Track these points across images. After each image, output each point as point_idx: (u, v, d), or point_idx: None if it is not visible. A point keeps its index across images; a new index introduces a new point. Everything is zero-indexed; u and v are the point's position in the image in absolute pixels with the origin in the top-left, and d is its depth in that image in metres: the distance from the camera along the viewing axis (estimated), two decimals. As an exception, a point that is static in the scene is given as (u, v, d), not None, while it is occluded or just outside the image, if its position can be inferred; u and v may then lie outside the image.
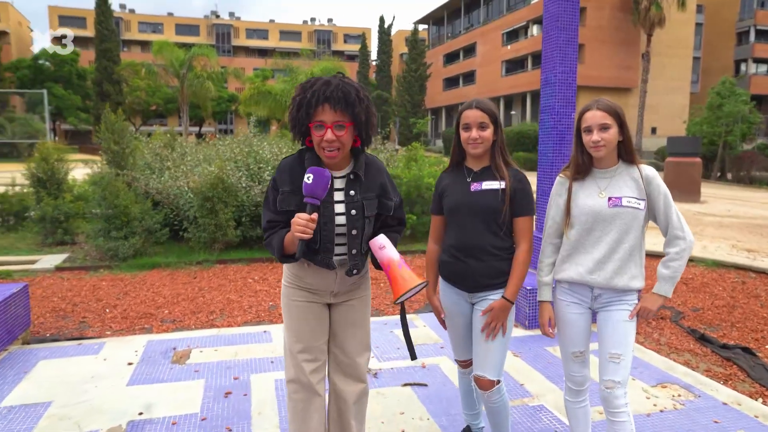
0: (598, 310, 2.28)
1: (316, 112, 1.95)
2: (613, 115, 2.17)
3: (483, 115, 2.25)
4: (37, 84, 39.35)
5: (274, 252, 2.03)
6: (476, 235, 2.27)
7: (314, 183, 1.91)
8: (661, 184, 2.18)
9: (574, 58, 4.53)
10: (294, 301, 2.17)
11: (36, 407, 2.98)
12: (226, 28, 60.28)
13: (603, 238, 2.21)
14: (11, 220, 9.45)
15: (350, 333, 2.26)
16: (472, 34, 43.91)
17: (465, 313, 2.39)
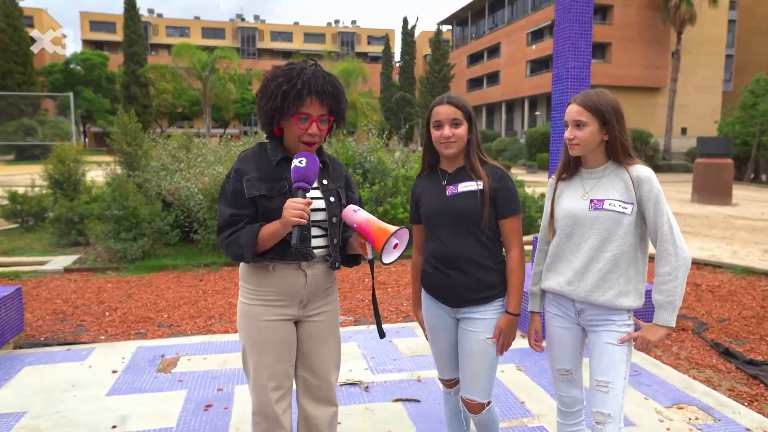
0: (587, 329, 2.03)
1: (304, 103, 1.84)
2: (592, 111, 1.92)
3: (456, 111, 2.03)
4: (68, 88, 40.31)
5: (243, 250, 1.80)
6: (457, 243, 2.05)
7: (307, 166, 1.78)
8: (654, 186, 1.90)
9: (588, 51, 4.26)
10: (257, 321, 1.93)
11: (8, 417, 2.86)
12: (251, 31, 60.91)
13: (582, 246, 1.96)
14: (30, 220, 9.53)
15: (321, 352, 2.06)
16: (496, 34, 43.39)
17: (449, 329, 2.16)
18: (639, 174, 1.91)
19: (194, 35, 57.70)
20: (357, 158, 9.01)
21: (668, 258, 1.87)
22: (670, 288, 1.86)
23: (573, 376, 2.07)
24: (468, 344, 2.08)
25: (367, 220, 1.88)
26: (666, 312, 1.89)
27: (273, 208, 1.84)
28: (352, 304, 5.37)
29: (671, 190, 18.92)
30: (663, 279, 1.87)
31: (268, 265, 1.90)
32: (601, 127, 1.93)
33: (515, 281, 2.07)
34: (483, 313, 2.06)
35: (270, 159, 1.91)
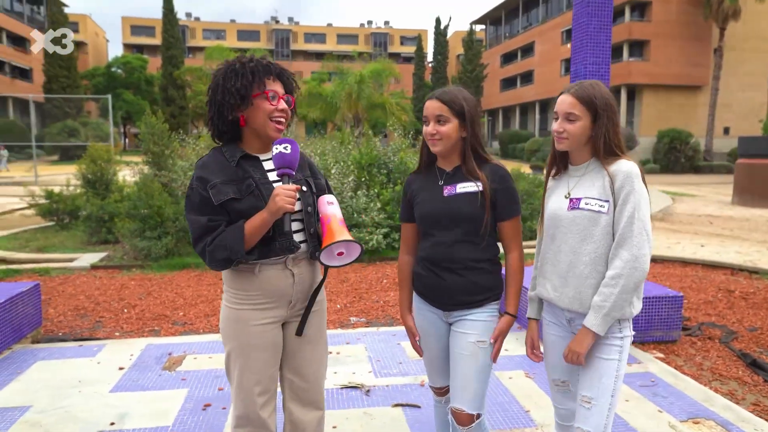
0: None
1: (267, 81, 1.83)
2: (586, 104, 1.79)
3: (441, 106, 1.94)
4: (110, 90, 41.59)
5: (231, 250, 1.74)
6: (453, 246, 1.96)
7: (292, 153, 1.76)
8: (628, 182, 1.74)
9: (608, 47, 4.09)
10: (247, 326, 1.87)
11: (14, 411, 2.92)
12: (285, 33, 61.67)
13: (562, 248, 1.86)
14: (65, 218, 9.82)
15: (308, 352, 2.01)
16: (530, 33, 42.69)
17: (441, 334, 2.08)
18: (617, 168, 1.78)
19: (230, 38, 58.81)
20: (381, 158, 8.98)
21: (618, 262, 1.74)
22: (608, 292, 1.74)
23: (569, 387, 1.96)
24: (457, 347, 1.99)
25: (329, 216, 1.84)
26: (595, 316, 1.75)
27: (243, 209, 1.80)
28: (367, 305, 5.32)
29: (711, 191, 18.21)
30: (606, 281, 1.76)
31: (253, 267, 1.85)
32: (592, 123, 1.81)
33: (515, 282, 2.00)
34: (476, 315, 1.98)
35: (229, 161, 1.86)
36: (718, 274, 6.67)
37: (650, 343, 4.08)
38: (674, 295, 4.07)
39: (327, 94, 21.79)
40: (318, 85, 28.35)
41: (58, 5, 37.64)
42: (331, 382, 3.31)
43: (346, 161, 8.86)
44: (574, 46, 4.24)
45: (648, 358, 3.75)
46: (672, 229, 10.39)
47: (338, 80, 23.98)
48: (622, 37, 32.10)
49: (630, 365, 3.60)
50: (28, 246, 8.38)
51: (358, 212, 7.69)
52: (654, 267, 7.02)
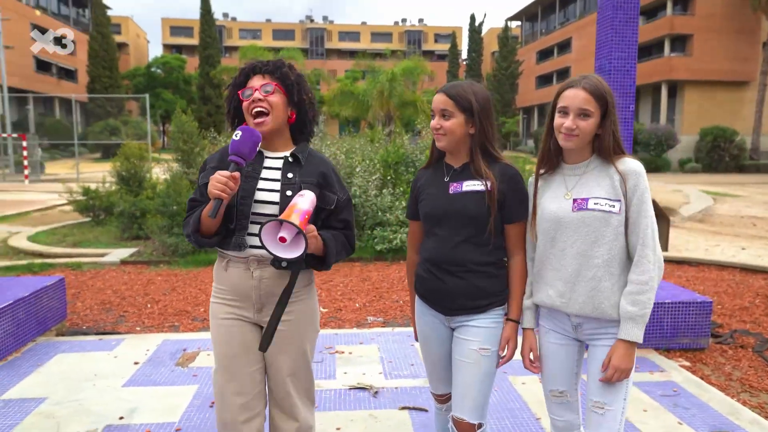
0: (587, 342, 1.82)
1: (248, 82, 1.91)
2: (599, 100, 1.70)
3: (446, 100, 1.87)
4: (150, 90, 42.75)
5: (188, 229, 1.84)
6: (455, 247, 1.89)
7: (242, 139, 1.75)
8: (642, 182, 1.69)
9: (634, 41, 3.92)
10: (218, 319, 1.92)
11: (30, 403, 3.00)
12: (319, 31, 62.13)
13: (567, 251, 1.76)
14: (101, 214, 10.11)
15: (278, 362, 1.92)
16: (567, 29, 41.78)
17: (442, 339, 2.01)
18: (627, 167, 1.71)
19: (265, 37, 59.61)
20: (409, 156, 8.93)
21: (647, 265, 1.67)
22: (645, 299, 1.67)
23: (568, 398, 1.86)
24: (459, 354, 1.92)
25: (292, 204, 1.71)
26: (638, 326, 1.68)
27: None
28: (386, 305, 5.27)
29: (756, 191, 17.42)
30: (639, 288, 1.67)
31: (223, 261, 1.90)
32: (601, 119, 1.72)
33: (518, 287, 1.92)
34: (479, 321, 1.90)
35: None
36: (758, 278, 6.35)
37: (676, 350, 3.90)
38: (702, 301, 3.88)
39: (359, 92, 21.82)
40: (351, 83, 28.49)
41: (102, 8, 38.87)
42: (340, 382, 3.28)
43: (373, 159, 8.84)
44: (598, 41, 4.09)
45: (672, 366, 3.59)
46: (711, 230, 9.97)
47: (370, 78, 23.99)
48: (663, 31, 31.08)
49: (652, 373, 3.46)
50: (64, 241, 8.67)
51: (383, 211, 7.66)
52: (688, 270, 6.75)
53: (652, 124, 29.00)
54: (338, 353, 3.75)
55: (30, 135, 23.41)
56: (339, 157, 8.48)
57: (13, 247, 8.22)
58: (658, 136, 26.38)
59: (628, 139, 4.01)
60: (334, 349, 3.83)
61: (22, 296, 3.80)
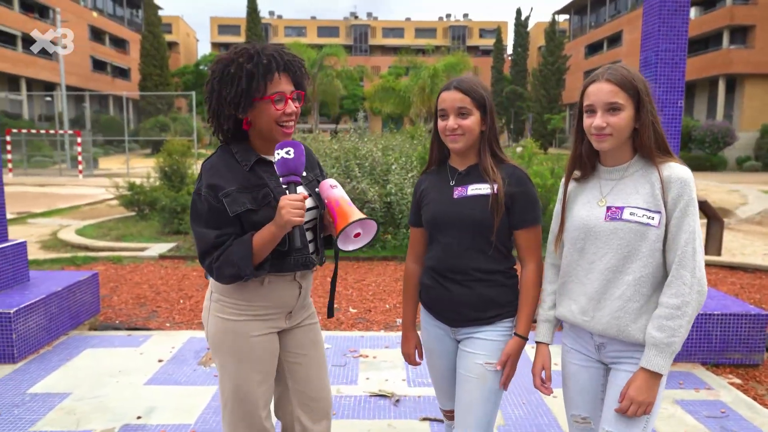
0: (609, 365, 1.64)
1: (274, 80, 1.62)
2: (628, 90, 1.51)
3: (463, 98, 1.73)
4: (198, 87, 43.91)
5: (239, 267, 1.58)
6: (461, 254, 1.76)
7: (296, 157, 1.58)
8: (686, 191, 1.48)
9: (684, 32, 3.64)
10: (248, 339, 1.72)
11: (54, 398, 3.03)
12: (363, 28, 62.29)
13: (596, 265, 1.58)
14: (145, 209, 10.39)
15: (315, 358, 1.89)
16: (618, 21, 40.32)
17: (448, 352, 1.88)
18: (671, 173, 1.50)
19: (310, 34, 60.25)
20: (446, 154, 8.75)
21: (681, 288, 1.46)
22: (674, 325, 1.45)
23: (591, 425, 1.69)
24: (464, 368, 1.79)
25: (337, 199, 1.68)
26: (662, 355, 1.46)
27: (259, 221, 1.63)
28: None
29: (822, 193, 16.28)
30: (669, 312, 1.46)
31: (261, 279, 1.71)
32: (635, 113, 1.53)
33: (529, 299, 1.76)
34: (485, 334, 1.77)
35: (241, 164, 1.67)
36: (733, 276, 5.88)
37: (725, 365, 3.61)
38: (757, 313, 3.58)
39: (400, 89, 21.70)
40: (394, 79, 28.38)
41: (154, 8, 40.12)
42: (361, 388, 3.18)
43: (411, 156, 8.70)
44: (644, 32, 3.83)
45: (721, 383, 3.31)
46: (770, 234, 9.35)
47: (413, 74, 23.83)
48: (722, 22, 29.52)
49: (698, 390, 3.20)
50: (109, 234, 8.92)
51: (418, 209, 7.51)
52: (743, 277, 6.32)
53: (707, 121, 27.60)
54: (362, 357, 3.65)
55: (84, 132, 24.41)
56: (375, 154, 8.38)
57: (61, 239, 8.53)
58: (713, 133, 25.09)
59: (676, 137, 3.74)
60: (359, 352, 3.73)
61: (55, 290, 3.87)
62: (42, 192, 15.87)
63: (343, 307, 5.12)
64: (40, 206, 12.57)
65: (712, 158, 24.97)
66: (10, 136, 22.16)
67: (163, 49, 40.52)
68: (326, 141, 9.80)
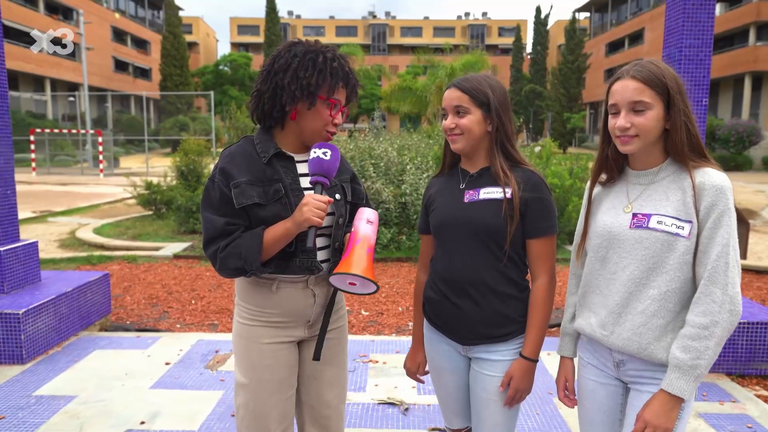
0: (629, 384, 1.52)
1: (337, 89, 1.64)
2: (656, 87, 1.38)
3: (460, 96, 1.64)
4: (217, 87, 44.31)
5: (246, 260, 1.53)
6: (471, 264, 1.65)
7: (332, 160, 1.56)
8: (722, 200, 1.34)
9: (710, 27, 3.48)
10: (261, 344, 1.67)
11: (60, 400, 3.00)
12: (381, 27, 62.22)
13: (618, 276, 1.46)
14: (162, 208, 10.45)
15: (330, 376, 1.81)
16: (639, 19, 39.63)
17: (458, 370, 1.76)
18: (705, 180, 1.36)
19: (329, 34, 60.39)
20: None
21: (710, 306, 1.32)
22: (700, 347, 1.32)
23: None
24: (482, 391, 1.68)
25: (360, 237, 1.58)
26: (685, 378, 1.33)
27: (266, 217, 1.58)
28: (429, 310, 5.04)
29: None
30: (695, 332, 1.33)
31: (270, 283, 1.65)
32: (665, 112, 1.40)
33: (537, 317, 1.63)
34: (502, 354, 1.66)
35: (260, 156, 1.63)
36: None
37: (752, 377, 3.44)
38: None
39: (417, 88, 21.57)
40: (412, 78, 28.24)
41: (174, 9, 40.57)
42: (370, 395, 3.09)
43: (426, 156, 8.61)
44: (668, 27, 3.67)
45: (747, 396, 3.15)
46: (798, 237, 9.03)
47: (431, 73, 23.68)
48: (748, 18, 28.79)
49: (722, 403, 3.05)
50: (126, 233, 8.98)
51: (433, 210, 7.41)
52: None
53: (732, 119, 26.94)
54: (372, 362, 3.57)
55: (106, 131, 24.76)
56: (390, 153, 8.30)
57: (79, 238, 8.61)
58: (738, 132, 24.47)
59: (700, 137, 3.58)
60: (369, 357, 3.65)
61: (65, 291, 3.86)
62: (63, 191, 16.10)
63: (355, 309, 5.04)
64: (60, 205, 12.74)
65: (736, 158, 24.35)
66: (34, 135, 22.56)
67: (184, 50, 40.93)
68: (341, 141, 9.75)
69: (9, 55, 29.35)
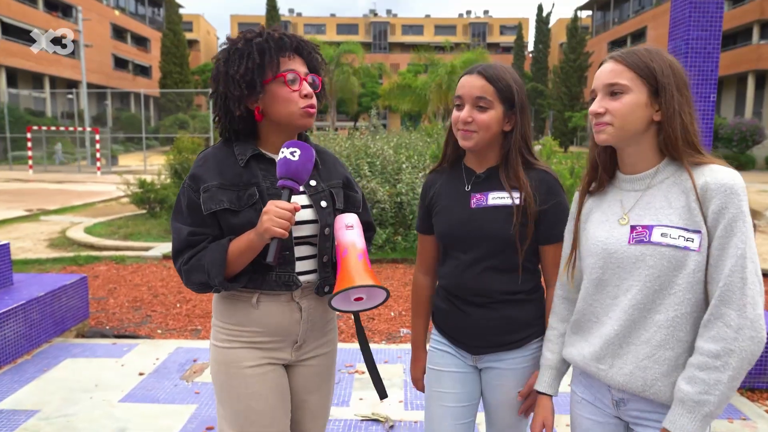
0: (632, 425, 1.30)
1: (283, 60, 1.43)
2: (637, 69, 1.18)
3: (485, 85, 1.42)
4: (217, 85, 44.08)
5: (209, 274, 1.36)
6: (480, 274, 1.48)
7: (301, 160, 1.35)
8: (733, 202, 1.11)
9: (719, 17, 3.28)
10: (243, 368, 1.46)
11: (20, 415, 2.80)
12: (382, 25, 61.96)
13: (619, 300, 1.23)
14: (156, 207, 10.27)
15: (314, 406, 1.62)
16: (642, 17, 39.38)
17: (464, 378, 1.57)
18: (710, 179, 1.13)
19: (330, 32, 60.14)
20: (460, 152, 8.45)
21: (723, 330, 1.09)
22: (709, 379, 1.09)
23: None
24: (497, 400, 1.56)
25: (346, 247, 1.39)
26: (691, 416, 1.10)
27: (239, 225, 1.40)
28: (423, 315, 4.84)
29: None
30: (705, 361, 1.10)
31: (250, 297, 1.46)
32: (650, 98, 1.18)
33: None
34: (515, 362, 1.51)
35: (237, 158, 1.45)
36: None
37: (762, 390, 3.24)
38: None
39: (418, 86, 21.38)
40: (413, 76, 28.06)
41: (174, 6, 40.34)
42: (353, 410, 2.90)
43: (423, 154, 8.41)
44: (673, 19, 3.47)
45: (758, 412, 2.95)
46: (805, 239, 8.82)
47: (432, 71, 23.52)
48: (752, 16, 28.53)
49: (731, 421, 2.85)
50: (117, 233, 8.79)
51: (430, 210, 7.22)
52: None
53: (735, 118, 26.69)
54: (358, 373, 3.37)
55: (104, 129, 24.59)
56: (386, 152, 8.10)
57: (69, 237, 8.42)
58: (742, 131, 24.23)
59: (708, 135, 3.37)
60: (355, 367, 3.45)
61: (36, 296, 3.67)
62: (59, 189, 15.93)
63: (346, 315, 4.84)
64: (55, 203, 12.57)
65: (739, 157, 24.10)
66: (31, 133, 22.39)
67: (184, 47, 40.71)
68: (337, 138, 9.55)
69: (8, 52, 29.23)
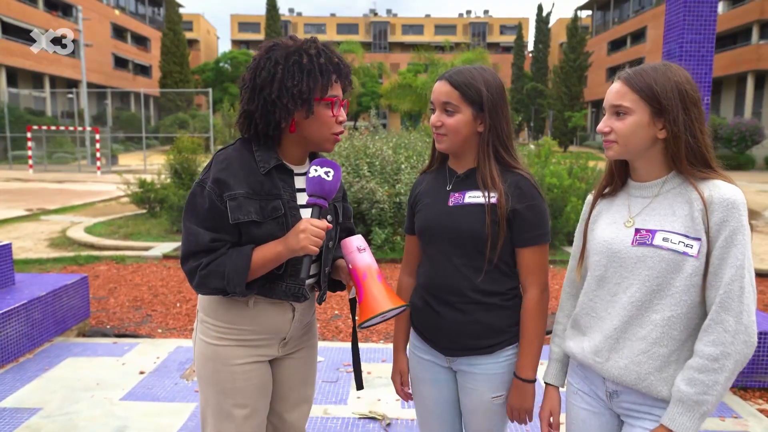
0: (622, 417, 1.37)
1: (332, 84, 1.46)
2: (640, 91, 1.25)
3: (450, 91, 1.48)
4: (218, 84, 44.15)
5: (229, 282, 1.37)
6: (453, 272, 1.53)
7: (334, 180, 1.40)
8: (734, 216, 1.20)
9: (712, 21, 3.32)
10: (229, 366, 1.51)
11: (23, 413, 2.85)
12: (383, 25, 61.99)
13: (619, 297, 1.31)
14: (156, 207, 10.31)
15: (296, 397, 1.69)
16: (642, 17, 39.40)
17: (440, 381, 1.64)
18: (714, 194, 1.22)
19: (330, 31, 60.16)
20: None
21: (722, 335, 1.18)
22: (708, 381, 1.18)
23: None
24: (471, 403, 1.59)
25: (363, 271, 1.44)
26: (689, 415, 1.19)
27: (260, 236, 1.42)
28: (421, 315, 4.88)
29: None
30: (703, 364, 1.19)
31: (246, 298, 1.49)
32: (653, 118, 1.26)
33: (530, 333, 1.51)
34: (487, 367, 1.54)
35: (259, 166, 1.45)
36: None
37: (755, 389, 3.28)
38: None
39: (418, 86, 21.43)
40: (413, 76, 28.08)
41: (175, 6, 40.40)
42: (351, 409, 2.94)
43: (422, 155, 8.45)
44: (668, 22, 3.51)
45: (749, 411, 2.99)
46: (802, 239, 8.86)
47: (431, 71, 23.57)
48: (751, 17, 28.58)
49: (723, 419, 2.89)
50: (117, 233, 8.83)
51: (428, 210, 7.26)
52: (773, 287, 5.92)
53: (734, 118, 26.74)
54: (356, 372, 3.41)
55: (104, 128, 24.62)
56: (386, 152, 8.14)
57: (69, 237, 8.46)
58: (741, 131, 24.27)
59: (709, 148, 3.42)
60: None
61: (38, 295, 3.71)
62: (59, 188, 15.97)
63: (345, 314, 4.88)
64: (55, 203, 12.61)
65: (739, 157, 24.15)
66: (31, 132, 22.42)
67: (184, 47, 40.75)
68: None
69: (8, 52, 29.26)
